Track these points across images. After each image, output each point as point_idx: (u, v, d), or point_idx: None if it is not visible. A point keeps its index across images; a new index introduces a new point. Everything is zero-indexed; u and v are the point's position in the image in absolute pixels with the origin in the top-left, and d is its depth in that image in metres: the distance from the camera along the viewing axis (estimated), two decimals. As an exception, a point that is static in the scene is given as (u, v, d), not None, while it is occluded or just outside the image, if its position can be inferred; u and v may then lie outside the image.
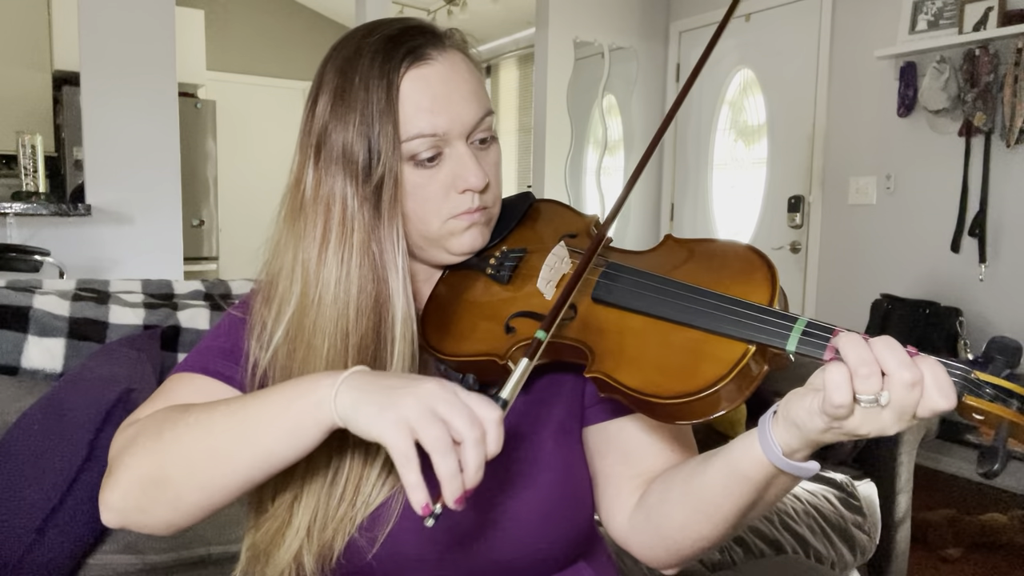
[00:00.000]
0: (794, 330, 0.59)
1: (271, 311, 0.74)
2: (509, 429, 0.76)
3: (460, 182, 0.74)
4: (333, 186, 0.72)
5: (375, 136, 0.71)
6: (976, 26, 3.21)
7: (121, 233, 3.23)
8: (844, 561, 1.86)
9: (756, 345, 0.60)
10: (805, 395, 0.58)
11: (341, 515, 0.72)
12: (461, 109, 0.74)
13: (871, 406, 0.54)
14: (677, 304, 0.65)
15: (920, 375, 0.54)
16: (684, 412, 0.61)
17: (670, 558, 0.74)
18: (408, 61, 0.72)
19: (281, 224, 0.76)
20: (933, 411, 0.54)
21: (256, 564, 0.76)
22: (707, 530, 0.68)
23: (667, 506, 0.71)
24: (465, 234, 0.77)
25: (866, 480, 2.00)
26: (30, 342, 1.52)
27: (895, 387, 0.54)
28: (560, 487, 0.76)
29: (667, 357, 0.64)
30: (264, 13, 6.46)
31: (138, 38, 3.21)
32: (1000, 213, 3.27)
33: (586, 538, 0.80)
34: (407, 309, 0.73)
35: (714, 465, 0.66)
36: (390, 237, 0.72)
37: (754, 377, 0.61)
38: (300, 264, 0.73)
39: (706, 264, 0.71)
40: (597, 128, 4.74)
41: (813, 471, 0.61)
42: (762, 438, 0.61)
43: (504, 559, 0.75)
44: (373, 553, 0.72)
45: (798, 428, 0.58)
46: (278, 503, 0.73)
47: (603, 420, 0.79)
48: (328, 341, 0.71)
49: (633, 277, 0.70)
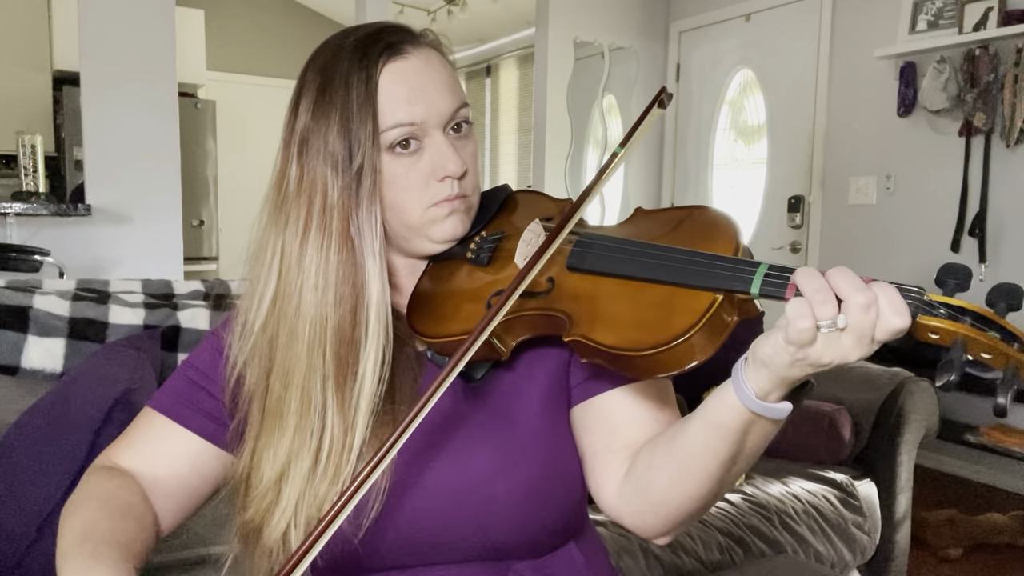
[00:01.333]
0: (756, 274, 0.62)
1: (254, 301, 0.78)
2: (496, 408, 0.78)
3: (439, 170, 0.77)
4: (315, 178, 0.75)
5: (356, 128, 0.74)
6: (976, 26, 3.21)
7: (121, 233, 3.23)
8: (844, 561, 1.86)
9: (723, 293, 0.63)
10: (770, 334, 0.60)
11: (324, 493, 0.74)
12: (437, 99, 0.77)
13: (831, 330, 0.57)
14: (647, 263, 0.69)
15: (874, 297, 0.56)
16: (660, 364, 0.64)
17: (659, 523, 0.75)
18: (386, 56, 0.76)
19: (264, 219, 0.79)
20: (890, 331, 0.56)
21: (248, 545, 0.78)
22: (692, 488, 0.70)
23: (652, 471, 0.73)
24: (446, 221, 0.80)
25: (866, 480, 2.00)
26: (30, 342, 1.52)
27: (852, 310, 0.56)
28: (549, 467, 0.78)
29: (641, 313, 0.67)
30: (264, 13, 6.46)
31: (138, 38, 3.21)
32: (1000, 213, 3.27)
33: (575, 519, 0.82)
34: (382, 292, 0.76)
35: (693, 421, 0.69)
36: (368, 222, 0.75)
37: (725, 324, 0.65)
38: (280, 255, 0.76)
39: (673, 227, 0.75)
40: (597, 128, 4.74)
41: (786, 411, 0.64)
42: (736, 384, 0.63)
43: (493, 541, 0.76)
44: (359, 539, 0.74)
45: (767, 367, 0.60)
46: (266, 481, 0.76)
47: (588, 397, 0.80)
48: (309, 327, 0.74)
49: (604, 243, 0.74)
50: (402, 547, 0.76)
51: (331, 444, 0.74)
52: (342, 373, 0.74)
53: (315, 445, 0.75)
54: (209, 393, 0.83)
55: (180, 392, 0.83)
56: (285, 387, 0.75)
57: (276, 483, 0.75)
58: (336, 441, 0.74)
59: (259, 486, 0.77)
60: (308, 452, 0.75)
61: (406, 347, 0.81)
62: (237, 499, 0.80)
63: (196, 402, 0.82)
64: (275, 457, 0.75)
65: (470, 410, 0.79)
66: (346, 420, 0.75)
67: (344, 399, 0.74)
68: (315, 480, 0.74)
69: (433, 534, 0.76)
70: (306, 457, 0.74)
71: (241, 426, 0.80)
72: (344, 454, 0.75)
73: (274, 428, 0.76)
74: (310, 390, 0.74)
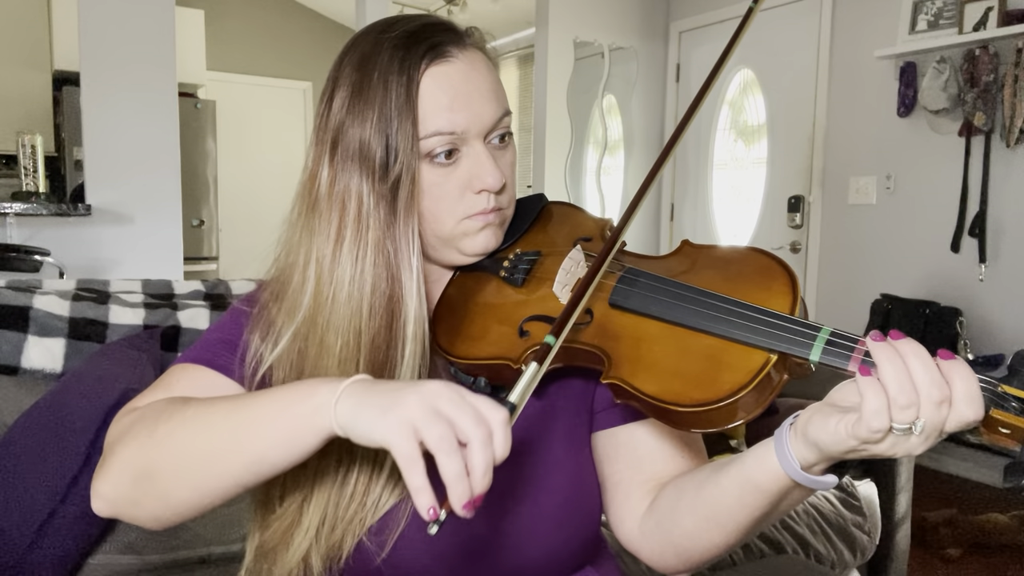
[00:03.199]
0: (818, 339, 0.58)
1: (282, 308, 0.73)
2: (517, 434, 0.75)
3: (477, 182, 0.73)
4: (349, 183, 0.71)
5: (393, 133, 0.69)
6: (976, 26, 3.21)
7: (121, 233, 3.23)
8: (844, 561, 1.86)
9: (778, 354, 0.59)
10: (830, 415, 0.56)
11: (350, 516, 0.71)
12: (480, 108, 0.73)
13: (903, 434, 0.54)
14: (696, 310, 0.64)
15: (948, 393, 0.53)
16: (702, 420, 0.60)
17: (680, 564, 0.73)
18: (429, 58, 0.71)
19: (294, 220, 0.75)
20: (961, 424, 0.53)
21: (263, 563, 0.76)
22: (719, 538, 0.68)
23: (678, 514, 0.70)
24: (479, 235, 0.76)
25: (866, 480, 1.99)
26: (30, 342, 1.52)
27: (924, 405, 0.52)
28: (569, 493, 0.76)
29: (686, 364, 0.62)
30: (264, 13, 6.45)
31: (138, 38, 3.21)
32: (1000, 213, 3.26)
33: (593, 543, 0.80)
34: (419, 309, 0.72)
35: (727, 475, 0.65)
36: (405, 236, 0.71)
37: (774, 386, 0.60)
38: (314, 261, 0.72)
39: (725, 270, 0.70)
40: (597, 128, 4.74)
41: (831, 484, 0.60)
42: (779, 451, 0.60)
43: (512, 566, 0.74)
44: (382, 558, 0.71)
45: (819, 448, 0.57)
46: (288, 503, 0.73)
47: (613, 425, 0.78)
48: (341, 339, 0.70)
49: (651, 282, 0.69)
50: (421, 565, 0.73)
51: (359, 466, 0.70)
52: None
53: (344, 466, 0.71)
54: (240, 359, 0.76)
55: (214, 348, 0.76)
56: None
57: (299, 505, 0.72)
58: (365, 463, 0.71)
59: (279, 507, 0.73)
60: (334, 474, 0.71)
61: (436, 357, 0.76)
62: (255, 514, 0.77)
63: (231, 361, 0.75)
64: (298, 477, 0.71)
65: None
66: None
67: None
68: (341, 503, 0.71)
69: (452, 556, 0.73)
70: (331, 479, 0.71)
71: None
72: (375, 475, 0.71)
73: None
74: None
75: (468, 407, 0.53)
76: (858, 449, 0.55)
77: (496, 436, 0.53)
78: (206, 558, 1.32)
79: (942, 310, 3.29)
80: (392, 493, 0.72)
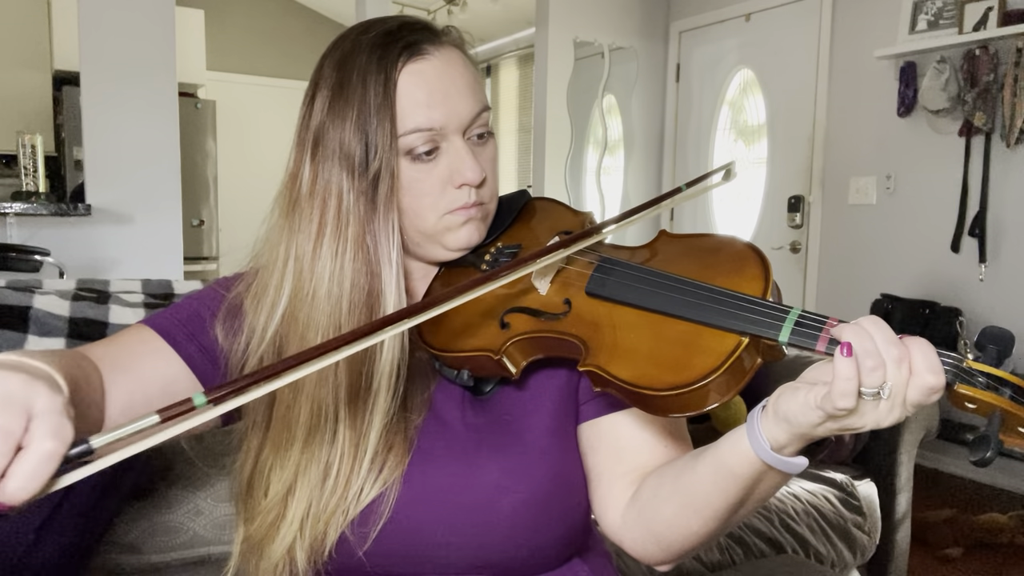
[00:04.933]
0: (787, 321, 0.59)
1: (262, 305, 0.75)
2: (505, 423, 0.76)
3: (457, 176, 0.75)
4: (330, 180, 0.72)
5: (372, 131, 0.71)
6: (976, 26, 3.21)
7: (121, 233, 3.23)
8: (844, 561, 1.86)
9: (749, 336, 0.60)
10: (798, 389, 0.57)
11: (333, 507, 0.72)
12: (458, 104, 0.74)
13: (872, 399, 0.55)
14: (670, 297, 0.66)
15: (907, 352, 0.54)
16: (677, 404, 0.61)
17: (661, 554, 0.74)
18: (405, 56, 0.73)
19: (275, 219, 0.76)
20: (924, 389, 0.54)
21: (251, 558, 0.76)
22: (696, 526, 0.68)
23: (657, 502, 0.71)
24: (461, 229, 0.77)
25: (866, 480, 2.00)
26: (30, 342, 1.52)
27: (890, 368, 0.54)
28: (555, 484, 0.76)
29: (661, 350, 0.64)
30: (264, 13, 6.45)
31: (138, 38, 3.21)
32: (1000, 213, 3.27)
33: (580, 535, 0.80)
34: (399, 304, 0.73)
35: (703, 461, 0.66)
36: (385, 231, 0.73)
37: (747, 370, 0.62)
38: (294, 258, 0.73)
39: (699, 258, 0.71)
40: (597, 128, 4.74)
41: (801, 467, 0.61)
42: (751, 433, 0.61)
43: (497, 556, 0.74)
44: (364, 550, 0.72)
45: (789, 423, 0.58)
46: (272, 496, 0.74)
47: (595, 416, 0.79)
48: (321, 335, 0.71)
49: (627, 271, 0.71)
50: (404, 558, 0.74)
51: (341, 459, 0.72)
52: (355, 386, 0.71)
53: (325, 459, 0.72)
54: (208, 332, 0.77)
55: (180, 319, 0.77)
56: (295, 397, 0.72)
57: (283, 498, 0.73)
58: (347, 455, 0.72)
59: (264, 500, 0.74)
60: (317, 466, 0.72)
61: (417, 352, 0.78)
62: (239, 507, 0.78)
63: (194, 334, 0.76)
64: (282, 470, 0.73)
65: (479, 424, 0.77)
66: (357, 434, 0.72)
67: (356, 413, 0.72)
68: (323, 495, 0.72)
69: (436, 546, 0.73)
70: (315, 472, 0.72)
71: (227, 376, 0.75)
72: (355, 468, 0.72)
73: (281, 439, 0.73)
74: (321, 402, 0.71)
75: (16, 413, 0.46)
76: (826, 421, 0.56)
77: (26, 459, 0.46)
78: (206, 558, 1.32)
79: (942, 310, 3.29)
80: (374, 485, 0.73)
